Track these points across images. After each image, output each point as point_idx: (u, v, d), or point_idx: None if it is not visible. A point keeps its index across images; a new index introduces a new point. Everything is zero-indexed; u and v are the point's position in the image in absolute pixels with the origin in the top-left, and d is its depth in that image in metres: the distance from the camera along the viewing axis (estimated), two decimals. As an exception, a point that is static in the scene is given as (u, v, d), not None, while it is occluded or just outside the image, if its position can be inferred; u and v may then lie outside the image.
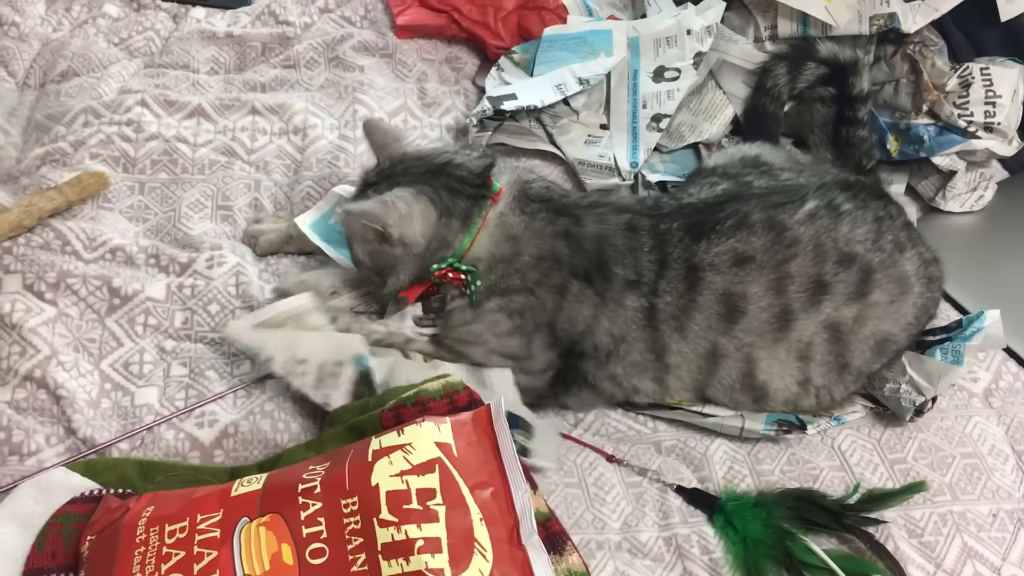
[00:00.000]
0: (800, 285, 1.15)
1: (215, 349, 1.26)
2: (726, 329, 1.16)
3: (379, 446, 0.95)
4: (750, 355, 1.17)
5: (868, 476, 1.20)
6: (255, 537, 0.91)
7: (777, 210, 1.17)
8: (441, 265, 1.17)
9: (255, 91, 1.63)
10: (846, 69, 1.49)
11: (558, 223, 1.19)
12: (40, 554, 1.01)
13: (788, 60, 1.52)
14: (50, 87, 1.59)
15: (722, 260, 1.15)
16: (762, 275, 1.15)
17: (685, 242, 1.16)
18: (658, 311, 1.16)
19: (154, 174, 1.46)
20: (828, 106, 1.55)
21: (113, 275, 1.29)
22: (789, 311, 1.15)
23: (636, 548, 1.10)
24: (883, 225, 1.19)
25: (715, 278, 1.15)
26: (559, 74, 1.58)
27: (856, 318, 1.17)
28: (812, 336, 1.17)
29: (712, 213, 1.18)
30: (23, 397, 1.16)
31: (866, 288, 1.16)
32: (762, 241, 1.15)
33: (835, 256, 1.15)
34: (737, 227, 1.16)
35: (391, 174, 1.21)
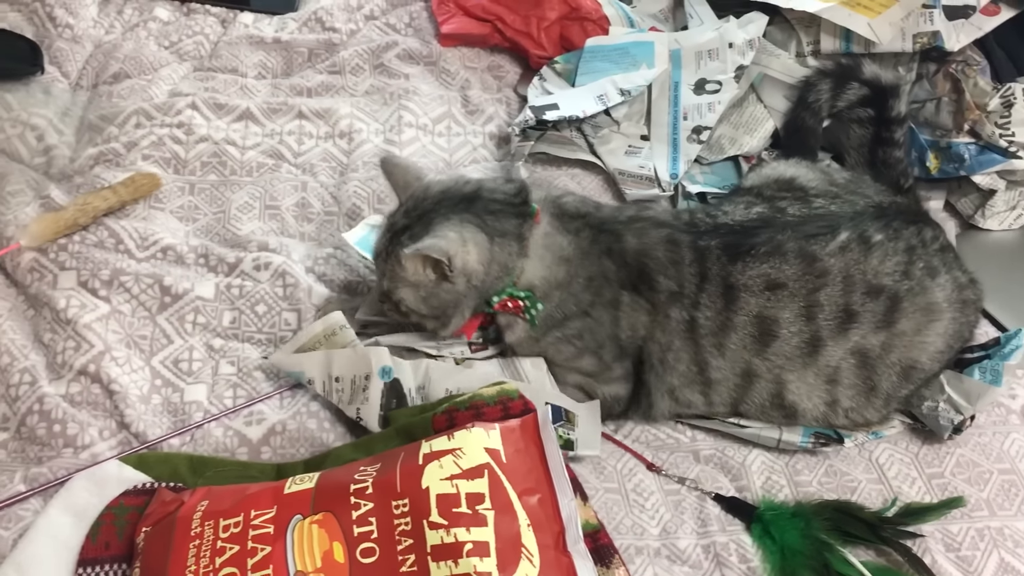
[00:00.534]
0: (829, 313, 1.16)
1: (262, 350, 1.28)
2: (759, 351, 1.18)
3: (430, 450, 0.97)
4: (780, 377, 1.19)
5: (906, 490, 1.21)
6: (308, 534, 0.93)
7: (810, 241, 1.18)
8: (501, 296, 1.16)
9: (301, 96, 1.66)
10: (887, 92, 1.49)
11: (600, 240, 1.19)
12: (94, 544, 1.04)
13: (833, 77, 1.52)
14: (102, 88, 1.62)
15: (756, 283, 1.16)
16: (793, 302, 1.16)
17: (723, 260, 1.17)
18: (699, 325, 1.17)
19: (204, 175, 1.49)
20: (865, 127, 1.55)
21: (164, 274, 1.32)
22: (818, 338, 1.17)
23: (675, 555, 1.12)
24: (914, 254, 1.20)
25: (750, 299, 1.16)
26: (601, 85, 1.60)
27: (883, 345, 1.18)
28: (840, 361, 1.18)
29: (748, 236, 1.19)
30: (77, 391, 1.20)
31: (893, 317, 1.17)
32: (794, 270, 1.16)
33: (863, 287, 1.17)
34: (771, 254, 1.17)
35: (421, 213, 1.17)
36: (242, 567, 0.92)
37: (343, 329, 1.21)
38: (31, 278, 1.30)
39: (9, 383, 1.19)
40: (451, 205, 1.17)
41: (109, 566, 1.02)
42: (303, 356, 1.21)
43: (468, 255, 1.13)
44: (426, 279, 1.14)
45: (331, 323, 1.22)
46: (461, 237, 1.12)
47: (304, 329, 1.24)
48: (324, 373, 1.19)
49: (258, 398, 1.22)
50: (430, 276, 1.14)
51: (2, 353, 1.22)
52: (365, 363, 1.17)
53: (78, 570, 1.02)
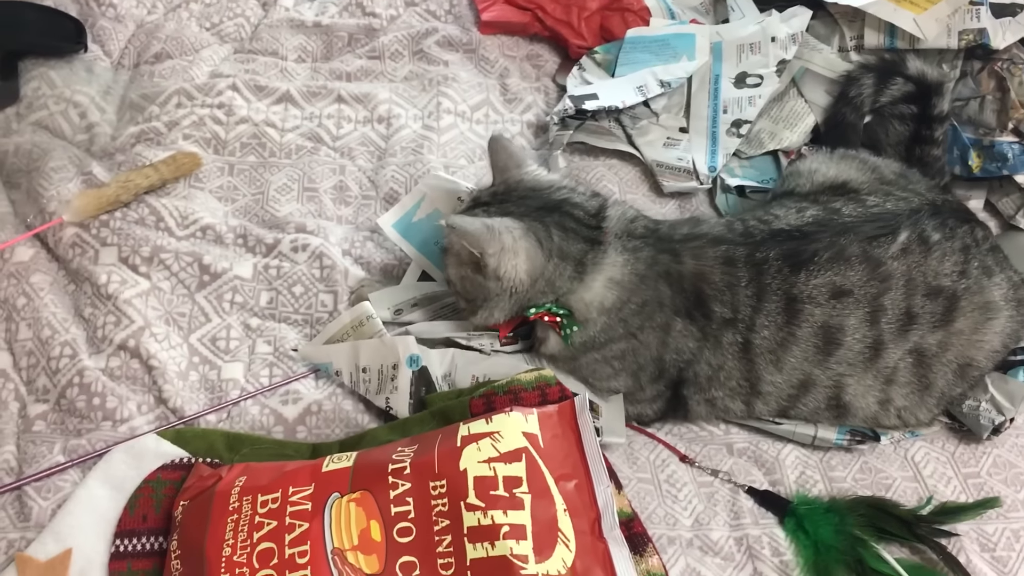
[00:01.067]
0: (892, 317, 1.15)
1: (298, 330, 1.29)
2: (822, 361, 1.16)
3: (468, 432, 0.97)
4: (840, 382, 1.17)
5: (941, 489, 1.20)
6: (345, 512, 0.94)
7: (872, 244, 1.16)
8: (539, 308, 1.14)
9: (341, 80, 1.66)
10: (931, 89, 1.48)
11: (659, 262, 1.15)
12: (132, 516, 1.05)
13: (876, 72, 1.51)
14: (144, 68, 1.63)
15: (821, 293, 1.14)
16: (859, 309, 1.14)
17: (784, 272, 1.14)
18: (754, 346, 1.15)
19: (243, 156, 1.50)
20: (905, 124, 1.53)
21: (203, 252, 1.33)
22: (880, 342, 1.15)
23: (707, 546, 1.12)
24: (970, 253, 1.19)
25: (815, 311, 1.14)
26: (641, 76, 1.59)
27: (940, 344, 1.17)
28: (897, 362, 1.17)
29: (807, 242, 1.16)
30: (117, 365, 1.21)
31: (951, 316, 1.16)
32: (859, 276, 1.14)
33: (924, 289, 1.15)
34: (834, 260, 1.14)
35: (504, 200, 1.16)
36: (280, 542, 0.92)
37: (370, 319, 1.22)
38: (73, 253, 1.31)
39: (50, 355, 1.20)
40: (532, 208, 1.15)
41: (146, 538, 1.04)
42: (331, 348, 1.22)
43: (510, 262, 1.10)
44: (465, 260, 1.13)
45: (359, 313, 1.23)
46: (515, 242, 1.10)
47: (333, 320, 1.24)
48: (351, 364, 1.20)
49: (294, 377, 1.23)
50: (464, 259, 1.13)
51: (43, 326, 1.23)
52: (392, 352, 1.17)
53: (116, 541, 1.03)
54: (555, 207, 1.15)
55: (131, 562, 1.02)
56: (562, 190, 1.18)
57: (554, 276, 1.12)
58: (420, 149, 1.53)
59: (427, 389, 1.16)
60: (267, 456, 1.11)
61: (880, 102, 1.53)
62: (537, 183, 1.18)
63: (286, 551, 0.92)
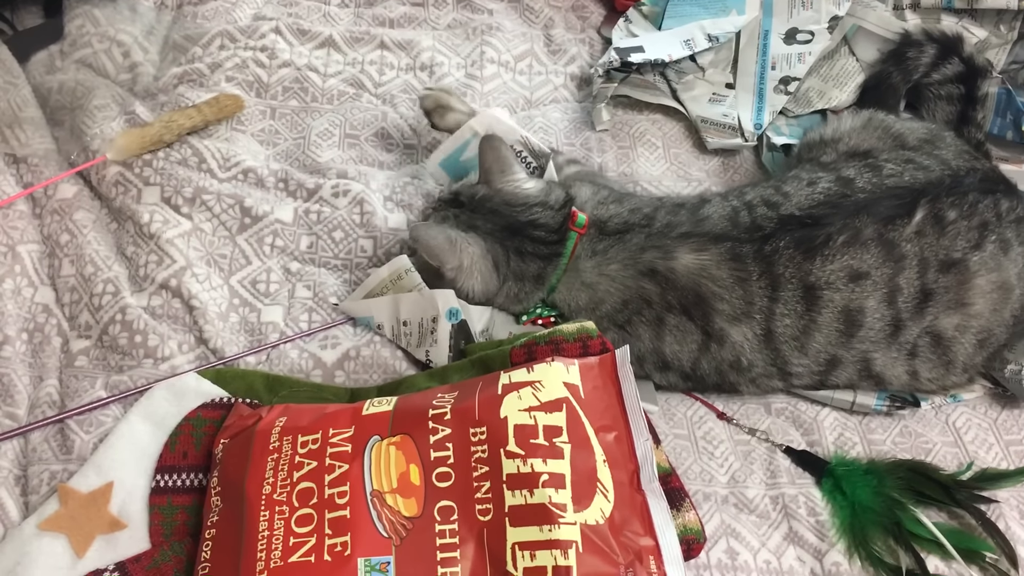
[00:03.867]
0: (908, 296, 1.14)
1: (337, 275, 1.29)
2: (845, 342, 1.15)
3: (509, 380, 0.97)
4: (866, 357, 1.16)
5: (982, 455, 1.19)
6: (385, 455, 0.94)
7: (887, 226, 1.14)
8: (530, 315, 1.20)
9: (384, 26, 1.64)
10: (978, 72, 1.45)
11: (640, 261, 1.15)
12: (172, 453, 1.06)
13: (940, 45, 1.48)
14: (187, 9, 1.63)
15: (838, 277, 1.12)
16: (877, 290, 1.13)
17: (797, 260, 1.12)
18: (776, 334, 1.14)
19: (285, 100, 1.49)
20: (953, 104, 1.49)
21: (245, 195, 1.33)
22: (899, 319, 1.14)
23: (743, 503, 1.11)
24: (988, 228, 1.16)
25: (834, 296, 1.12)
26: (688, 29, 1.57)
27: (957, 327, 1.15)
28: (916, 339, 1.16)
29: (819, 227, 1.14)
30: (159, 304, 1.21)
31: (964, 290, 1.15)
32: (874, 258, 1.13)
33: (936, 266, 1.14)
34: (849, 243, 1.13)
35: (476, 209, 1.21)
36: (319, 483, 0.93)
37: (408, 273, 1.21)
38: (116, 191, 1.31)
39: (92, 292, 1.21)
40: (497, 227, 1.20)
41: (187, 474, 1.05)
42: (371, 302, 1.21)
43: (468, 280, 1.18)
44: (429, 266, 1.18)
45: (397, 267, 1.21)
46: (472, 263, 1.17)
47: (371, 275, 1.23)
48: (392, 317, 1.20)
49: (333, 323, 1.23)
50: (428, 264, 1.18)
51: (86, 263, 1.24)
52: (432, 306, 1.17)
53: (156, 476, 1.04)
54: (518, 230, 1.19)
55: (171, 497, 1.03)
56: (533, 209, 1.20)
57: (513, 292, 1.20)
58: (463, 98, 1.51)
59: (466, 342, 1.17)
60: (305, 399, 1.12)
61: (931, 77, 1.49)
62: (513, 198, 1.21)
63: (326, 491, 0.92)
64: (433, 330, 1.16)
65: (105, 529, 1.00)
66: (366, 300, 1.23)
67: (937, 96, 1.50)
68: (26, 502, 1.03)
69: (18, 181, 1.32)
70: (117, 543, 0.99)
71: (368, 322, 1.22)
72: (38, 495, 1.03)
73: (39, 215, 1.30)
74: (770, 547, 1.08)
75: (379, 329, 1.21)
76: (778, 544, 1.08)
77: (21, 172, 1.33)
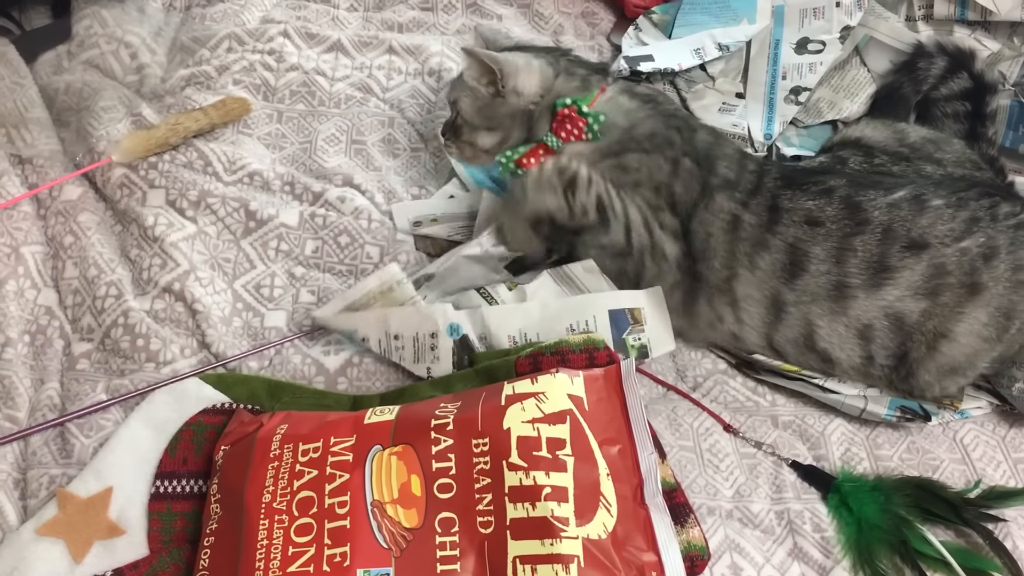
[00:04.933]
0: (861, 261, 1.15)
1: (342, 281, 1.28)
2: (787, 280, 1.17)
3: (512, 391, 0.96)
4: (808, 318, 1.17)
5: (990, 472, 1.17)
6: (386, 465, 0.93)
7: (859, 192, 1.18)
8: (567, 102, 1.23)
9: (392, 31, 1.64)
10: (987, 89, 1.45)
11: (671, 122, 1.25)
12: (172, 458, 1.05)
13: (951, 58, 1.47)
14: (195, 11, 1.62)
15: (797, 214, 1.17)
16: (827, 241, 1.16)
17: (779, 183, 1.20)
18: (741, 226, 1.18)
19: (292, 104, 1.49)
20: (960, 123, 1.48)
21: (250, 199, 1.32)
22: (846, 284, 1.15)
23: (747, 518, 1.10)
24: (977, 226, 1.14)
25: (789, 227, 1.17)
26: (698, 38, 1.56)
27: (923, 312, 1.14)
28: (872, 319, 1.16)
29: (806, 175, 1.22)
30: (161, 308, 1.21)
31: (936, 286, 1.14)
32: (834, 212, 1.17)
33: (904, 241, 1.14)
34: (818, 194, 1.18)
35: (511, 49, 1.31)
36: (320, 491, 0.92)
37: (401, 284, 1.17)
38: (121, 194, 1.31)
39: (96, 295, 1.20)
40: (537, 50, 1.33)
41: (186, 480, 1.04)
42: (356, 315, 1.17)
43: (526, 78, 1.26)
44: (482, 88, 1.27)
45: (387, 278, 1.18)
46: (528, 62, 1.27)
47: (356, 285, 1.19)
48: (381, 331, 1.16)
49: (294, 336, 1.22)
50: (482, 86, 1.27)
51: (90, 265, 1.23)
52: (429, 321, 1.14)
53: (156, 482, 1.03)
54: (558, 51, 1.34)
55: (171, 503, 1.02)
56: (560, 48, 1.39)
57: (563, 88, 1.26)
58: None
59: (468, 356, 1.15)
60: (307, 405, 1.11)
61: (939, 92, 1.48)
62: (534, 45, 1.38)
63: (326, 500, 0.91)
64: (434, 346, 1.14)
65: (103, 535, 0.99)
66: (349, 313, 1.18)
67: (944, 115, 1.49)
68: (25, 506, 1.03)
69: (23, 182, 1.32)
70: (115, 549, 0.99)
71: (351, 335, 1.19)
72: (37, 499, 1.03)
73: (43, 216, 1.29)
74: (774, 563, 1.06)
75: (363, 342, 1.18)
76: (782, 560, 1.07)
77: (26, 173, 1.33)
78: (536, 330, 1.15)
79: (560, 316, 1.16)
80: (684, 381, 1.24)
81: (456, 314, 1.15)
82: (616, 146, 1.23)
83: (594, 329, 1.16)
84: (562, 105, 1.23)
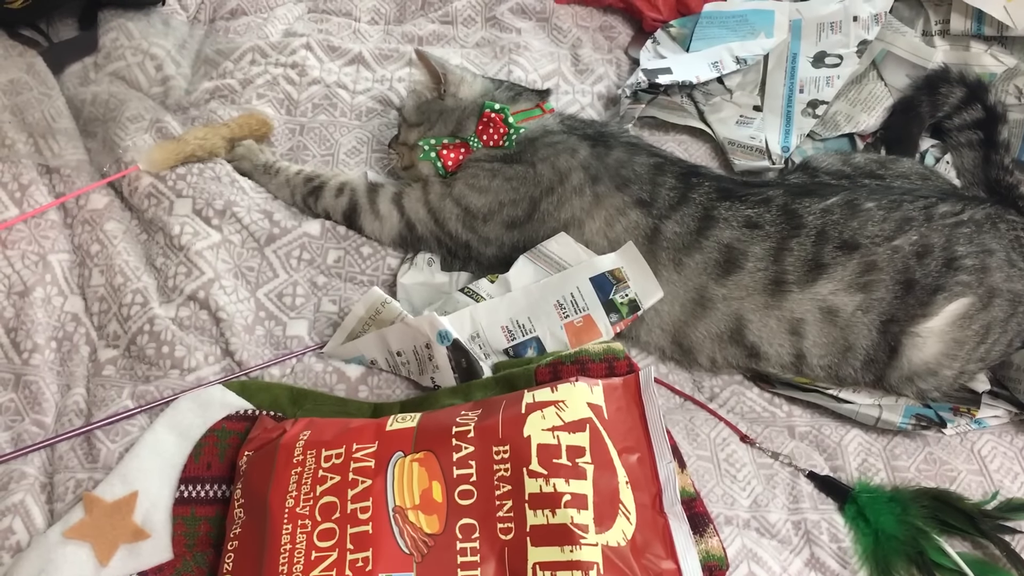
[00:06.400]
0: (797, 258, 1.19)
1: (363, 291, 1.30)
2: (719, 277, 1.20)
3: (532, 400, 0.97)
4: (740, 313, 1.19)
5: (1008, 484, 1.18)
6: (408, 472, 0.94)
7: (796, 199, 1.23)
8: (495, 107, 1.31)
9: (413, 43, 1.66)
10: (998, 119, 1.46)
11: (588, 139, 1.31)
12: (196, 464, 1.06)
13: (968, 89, 1.48)
14: (219, 23, 1.65)
15: (736, 220, 1.22)
16: (766, 242, 1.20)
17: (711, 196, 1.24)
18: (662, 236, 1.22)
19: (314, 116, 1.51)
20: (975, 151, 1.49)
21: (274, 209, 1.34)
22: (783, 280, 1.18)
23: (764, 528, 1.11)
24: (909, 224, 1.19)
25: (725, 231, 1.21)
26: (716, 51, 1.57)
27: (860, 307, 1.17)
28: (805, 313, 1.18)
29: (743, 188, 1.27)
30: (186, 315, 1.22)
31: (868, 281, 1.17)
32: (773, 217, 1.21)
33: (837, 242, 1.19)
34: (757, 203, 1.23)
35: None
36: (342, 497, 0.93)
37: (386, 305, 1.18)
38: (148, 203, 1.32)
39: (122, 302, 1.22)
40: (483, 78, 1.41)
41: (210, 485, 1.05)
42: (357, 343, 1.19)
43: (473, 87, 1.36)
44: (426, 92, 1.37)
45: (372, 302, 1.18)
46: (473, 76, 1.37)
47: (347, 317, 1.20)
48: (384, 351, 1.18)
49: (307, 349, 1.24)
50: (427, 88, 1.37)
51: (116, 273, 1.25)
52: (420, 333, 1.15)
53: (180, 487, 1.05)
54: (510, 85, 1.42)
55: (195, 508, 1.03)
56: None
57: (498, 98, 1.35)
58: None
59: (466, 360, 1.15)
60: (329, 413, 1.12)
61: (953, 121, 1.50)
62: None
63: (348, 506, 0.93)
64: (431, 356, 1.15)
65: (129, 538, 1.01)
66: (351, 343, 1.20)
67: (959, 144, 1.50)
68: (51, 509, 1.04)
69: (50, 191, 1.34)
70: (140, 552, 1.00)
71: (360, 360, 1.21)
72: (63, 503, 1.04)
73: (70, 225, 1.31)
74: (791, 573, 1.07)
75: (373, 364, 1.20)
76: (799, 570, 1.08)
77: (54, 182, 1.35)
78: (526, 315, 1.19)
79: (545, 296, 1.19)
80: (701, 392, 1.25)
81: (442, 320, 1.15)
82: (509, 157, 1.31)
83: (580, 299, 1.19)
84: (490, 108, 1.31)
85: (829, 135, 1.55)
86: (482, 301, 1.21)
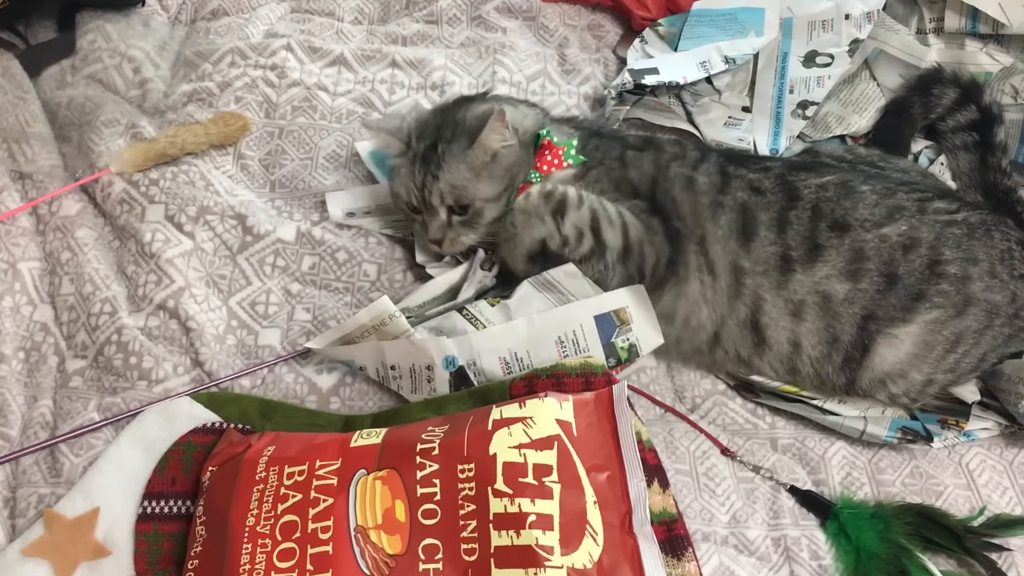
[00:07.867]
0: (797, 234, 1.18)
1: (338, 298, 1.27)
2: (743, 244, 1.19)
3: (500, 416, 0.94)
4: (758, 292, 1.18)
5: (996, 499, 1.14)
6: (371, 490, 0.92)
7: (792, 171, 1.23)
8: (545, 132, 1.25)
9: (396, 44, 1.63)
10: (994, 120, 1.42)
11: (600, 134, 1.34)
12: (161, 479, 1.04)
13: (962, 90, 1.44)
14: (200, 24, 1.63)
15: (742, 184, 1.22)
16: (769, 210, 1.19)
17: (722, 160, 1.27)
18: (697, 184, 1.23)
19: (293, 119, 1.48)
20: (971, 153, 1.45)
21: (248, 214, 1.32)
22: (789, 258, 1.17)
23: (743, 545, 1.08)
24: (900, 213, 1.17)
25: (738, 192, 1.21)
26: (705, 51, 1.54)
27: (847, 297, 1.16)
28: (805, 295, 1.17)
29: (745, 158, 1.31)
30: (155, 325, 1.20)
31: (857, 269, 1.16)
32: (771, 184, 1.22)
33: (829, 221, 1.18)
34: (759, 170, 1.24)
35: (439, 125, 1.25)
36: (303, 516, 0.91)
37: (394, 318, 1.12)
38: (121, 209, 1.30)
39: (90, 312, 1.20)
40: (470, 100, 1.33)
41: (174, 501, 1.03)
42: (351, 348, 1.15)
43: (526, 118, 1.28)
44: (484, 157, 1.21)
45: (379, 312, 1.12)
46: (515, 108, 1.29)
47: (349, 320, 1.15)
48: (377, 361, 1.15)
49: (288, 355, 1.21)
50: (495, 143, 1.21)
51: (85, 282, 1.23)
52: (425, 355, 1.12)
53: (143, 502, 1.03)
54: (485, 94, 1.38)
55: (158, 524, 1.01)
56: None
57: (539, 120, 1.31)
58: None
59: (466, 387, 1.12)
60: (299, 425, 1.10)
61: (946, 122, 1.46)
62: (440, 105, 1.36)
63: (309, 525, 0.90)
64: (430, 378, 1.12)
65: (89, 556, 0.99)
66: (345, 347, 1.16)
67: (954, 146, 1.47)
68: (13, 525, 1.03)
69: (23, 197, 1.32)
70: (101, 570, 0.98)
71: (348, 363, 1.18)
72: (25, 518, 1.03)
73: (42, 232, 1.29)
74: (770, 591, 1.04)
75: (361, 371, 1.17)
76: (779, 588, 1.05)
77: (26, 188, 1.33)
78: (525, 348, 1.13)
79: (547, 331, 1.14)
80: (682, 402, 1.22)
81: (450, 346, 1.12)
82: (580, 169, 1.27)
83: (582, 338, 1.14)
84: (546, 135, 1.25)
85: (819, 136, 1.51)
86: (480, 327, 1.16)
